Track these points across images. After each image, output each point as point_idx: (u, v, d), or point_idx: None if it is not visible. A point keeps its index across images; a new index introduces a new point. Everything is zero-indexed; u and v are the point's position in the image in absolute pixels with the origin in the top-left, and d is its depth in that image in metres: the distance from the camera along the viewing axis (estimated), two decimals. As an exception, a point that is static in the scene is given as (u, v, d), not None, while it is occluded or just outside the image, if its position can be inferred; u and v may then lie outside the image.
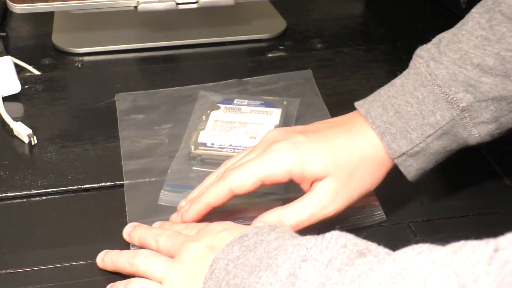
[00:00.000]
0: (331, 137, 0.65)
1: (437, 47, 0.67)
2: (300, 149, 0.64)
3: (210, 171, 0.71)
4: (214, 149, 0.76)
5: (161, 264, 0.60)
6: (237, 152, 0.75)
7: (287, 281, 0.50)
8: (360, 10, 1.13)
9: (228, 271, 0.54)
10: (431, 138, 0.65)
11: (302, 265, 0.50)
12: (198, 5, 0.95)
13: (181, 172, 0.74)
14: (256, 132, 0.78)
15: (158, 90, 0.88)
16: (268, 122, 0.80)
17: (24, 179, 0.74)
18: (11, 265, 0.64)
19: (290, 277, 0.50)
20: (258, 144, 0.67)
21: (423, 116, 0.65)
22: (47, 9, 0.93)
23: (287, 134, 0.66)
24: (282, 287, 0.49)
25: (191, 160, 0.76)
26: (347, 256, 0.49)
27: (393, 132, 0.65)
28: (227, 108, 0.82)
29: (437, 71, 0.65)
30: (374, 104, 0.66)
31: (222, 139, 0.77)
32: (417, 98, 0.65)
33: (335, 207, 0.63)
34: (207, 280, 0.55)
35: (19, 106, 0.86)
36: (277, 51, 1.00)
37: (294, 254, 0.51)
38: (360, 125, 0.66)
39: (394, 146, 0.65)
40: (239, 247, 0.55)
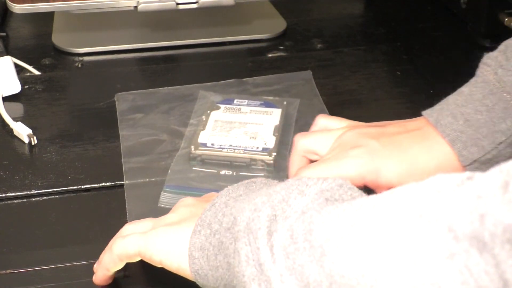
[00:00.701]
0: (406, 146, 0.66)
1: (503, 54, 0.67)
2: (375, 158, 0.65)
3: (210, 171, 0.71)
4: (214, 149, 0.76)
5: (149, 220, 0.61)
6: (237, 152, 0.75)
7: (279, 204, 0.51)
8: (360, 10, 1.13)
9: (227, 204, 0.56)
10: (503, 145, 0.64)
11: (298, 197, 0.51)
12: (198, 5, 0.95)
13: (181, 172, 0.74)
14: (256, 132, 0.78)
15: (157, 89, 0.88)
16: (268, 122, 0.80)
17: (24, 179, 0.74)
18: (11, 265, 0.64)
19: (282, 203, 0.51)
20: (334, 145, 0.67)
21: (493, 123, 0.64)
22: (47, 9, 0.93)
23: (363, 139, 0.66)
24: (272, 207, 0.50)
25: (191, 161, 0.75)
26: (339, 194, 0.51)
27: (463, 139, 0.65)
28: (227, 108, 0.82)
29: (506, 78, 0.65)
30: (443, 113, 0.66)
31: (222, 139, 0.77)
32: (487, 106, 0.65)
33: None
34: (205, 212, 0.56)
35: (19, 106, 0.86)
36: (277, 51, 1.00)
37: (293, 187, 0.52)
38: (432, 135, 0.66)
39: (465, 153, 0.65)
40: (243, 188, 0.57)
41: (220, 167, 0.75)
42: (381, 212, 0.44)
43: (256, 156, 0.75)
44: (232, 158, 0.75)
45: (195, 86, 0.88)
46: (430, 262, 0.40)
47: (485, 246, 0.38)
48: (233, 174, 0.74)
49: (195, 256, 0.55)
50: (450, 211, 0.40)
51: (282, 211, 0.50)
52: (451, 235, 0.39)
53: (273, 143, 0.76)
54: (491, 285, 0.38)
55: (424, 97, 0.88)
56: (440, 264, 0.40)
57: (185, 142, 0.78)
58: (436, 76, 0.92)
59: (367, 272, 0.43)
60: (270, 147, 0.76)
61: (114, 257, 0.59)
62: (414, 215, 0.42)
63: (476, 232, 0.38)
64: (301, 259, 0.47)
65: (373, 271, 0.43)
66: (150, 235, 0.58)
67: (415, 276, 0.41)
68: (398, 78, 0.92)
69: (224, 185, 0.68)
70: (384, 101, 0.88)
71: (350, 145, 0.66)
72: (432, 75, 0.93)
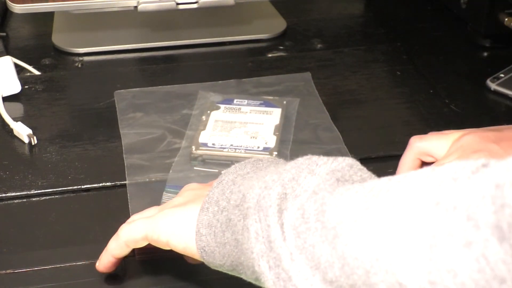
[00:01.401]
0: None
1: None
2: None
3: (212, 171, 0.71)
4: (215, 149, 0.76)
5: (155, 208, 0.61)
6: (238, 152, 0.75)
7: (289, 183, 0.51)
8: (360, 10, 1.12)
9: (235, 182, 0.56)
10: None
11: (308, 176, 0.51)
12: (198, 5, 0.95)
13: (182, 172, 0.74)
14: (256, 132, 0.78)
15: (156, 87, 0.88)
16: (268, 122, 0.80)
17: (24, 179, 0.74)
18: (11, 265, 0.64)
19: (292, 182, 0.51)
20: (452, 149, 0.66)
21: None
22: (47, 9, 0.93)
23: (484, 143, 0.65)
24: (283, 186, 0.50)
25: (192, 161, 0.76)
26: (349, 174, 0.51)
27: None
28: (227, 108, 0.82)
29: None
30: None
31: (223, 139, 0.77)
32: None
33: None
34: (213, 189, 0.56)
35: (19, 106, 0.86)
36: (277, 51, 1.00)
37: (303, 166, 0.52)
38: None
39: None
40: (251, 166, 0.57)
41: (221, 166, 0.74)
42: (396, 197, 0.44)
43: (257, 155, 0.75)
44: (233, 157, 0.75)
45: (194, 86, 0.88)
46: (447, 249, 0.40)
47: (504, 236, 0.38)
48: None
49: (202, 233, 0.55)
50: (469, 200, 0.40)
51: (292, 190, 0.50)
52: (470, 224, 0.39)
53: (274, 143, 0.77)
54: (508, 275, 0.38)
55: (424, 97, 0.88)
56: (456, 252, 0.40)
57: (186, 141, 0.78)
58: (436, 76, 0.92)
59: (381, 257, 0.43)
60: (271, 147, 0.76)
61: (121, 243, 0.59)
62: (431, 202, 0.42)
63: (498, 222, 0.38)
64: (313, 239, 0.47)
65: (388, 256, 0.43)
66: (157, 217, 0.58)
67: (431, 263, 0.41)
68: (398, 78, 0.92)
69: None
70: (384, 101, 0.88)
71: (471, 149, 0.65)
72: (432, 75, 0.93)
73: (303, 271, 0.47)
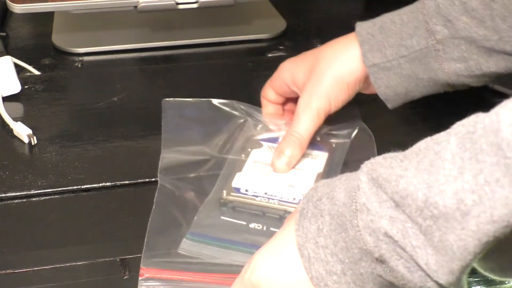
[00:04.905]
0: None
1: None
2: None
3: (240, 223, 0.67)
4: (247, 197, 0.69)
5: None
6: (271, 203, 0.69)
7: None
8: (360, 10, 1.12)
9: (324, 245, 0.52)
10: (403, 60, 0.71)
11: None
12: (198, 5, 0.95)
13: (209, 219, 0.68)
14: (295, 179, 0.71)
15: (205, 100, 0.82)
16: (311, 169, 0.73)
17: (24, 179, 0.74)
18: (11, 265, 0.64)
19: None
20: None
21: (401, 37, 0.71)
22: (47, 9, 0.93)
23: None
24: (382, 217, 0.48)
25: (221, 207, 0.69)
26: None
27: (371, 43, 0.72)
28: (270, 147, 0.75)
29: (427, 1, 0.70)
30: (370, 21, 0.74)
31: (257, 185, 0.70)
32: (402, 20, 0.72)
33: None
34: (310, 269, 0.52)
35: (19, 106, 0.86)
36: (277, 51, 1.00)
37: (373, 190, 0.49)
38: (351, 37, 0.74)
39: (369, 56, 0.72)
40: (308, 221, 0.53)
41: (251, 217, 0.68)
42: None
43: (291, 209, 0.68)
44: (265, 208, 0.69)
45: (245, 107, 0.81)
46: None
47: None
48: (263, 228, 0.67)
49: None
50: None
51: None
52: None
53: None
54: None
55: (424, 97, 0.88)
56: None
57: (220, 182, 0.72)
58: (436, 76, 0.92)
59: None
60: None
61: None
62: None
63: None
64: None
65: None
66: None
67: None
68: (398, 78, 0.92)
69: (252, 238, 0.65)
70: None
71: None
72: (432, 75, 0.92)
73: None
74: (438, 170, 0.46)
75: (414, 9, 0.71)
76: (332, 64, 0.74)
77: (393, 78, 0.72)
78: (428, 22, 0.70)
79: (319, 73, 0.74)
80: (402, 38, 0.71)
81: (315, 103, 0.73)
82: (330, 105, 0.74)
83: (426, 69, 0.71)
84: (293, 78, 0.76)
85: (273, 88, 0.79)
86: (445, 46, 0.69)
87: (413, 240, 0.47)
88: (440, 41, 0.69)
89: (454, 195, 0.45)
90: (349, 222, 0.50)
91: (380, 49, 0.71)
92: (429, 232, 0.46)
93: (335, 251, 0.51)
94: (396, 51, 0.71)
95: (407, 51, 0.71)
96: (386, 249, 0.48)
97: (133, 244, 0.66)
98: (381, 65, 0.72)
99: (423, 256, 0.47)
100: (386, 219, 0.48)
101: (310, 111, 0.73)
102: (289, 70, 0.77)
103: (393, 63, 0.71)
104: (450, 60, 0.70)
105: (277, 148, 0.74)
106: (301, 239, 0.52)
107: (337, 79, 0.73)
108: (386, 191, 0.48)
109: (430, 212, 0.46)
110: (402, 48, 0.71)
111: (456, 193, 0.45)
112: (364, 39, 0.72)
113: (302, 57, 0.77)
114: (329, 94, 0.73)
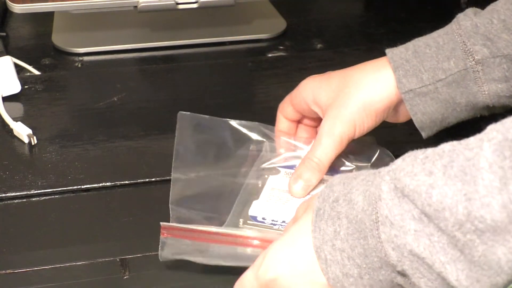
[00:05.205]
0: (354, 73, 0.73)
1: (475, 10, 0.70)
2: None
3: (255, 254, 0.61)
4: (264, 225, 0.66)
5: None
6: None
7: None
8: (360, 10, 1.13)
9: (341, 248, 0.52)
10: (440, 84, 0.67)
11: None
12: (198, 5, 0.95)
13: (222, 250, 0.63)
14: None
15: (223, 119, 0.77)
16: None
17: (24, 179, 0.74)
18: (11, 265, 0.64)
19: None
20: None
21: (438, 60, 0.67)
22: (47, 9, 0.93)
23: None
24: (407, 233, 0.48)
25: None
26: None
27: (406, 68, 0.68)
28: (287, 173, 0.72)
29: (462, 22, 0.68)
30: (401, 46, 0.70)
31: (275, 212, 0.67)
32: (437, 42, 0.68)
33: None
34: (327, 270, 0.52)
35: (19, 106, 0.86)
36: (277, 51, 1.00)
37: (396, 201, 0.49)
38: (382, 62, 0.70)
39: (404, 81, 0.68)
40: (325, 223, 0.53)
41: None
42: None
43: None
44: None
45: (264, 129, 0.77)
46: None
47: None
48: None
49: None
50: None
51: None
52: None
53: None
54: None
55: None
56: None
57: (235, 210, 0.68)
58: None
59: None
60: None
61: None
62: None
63: None
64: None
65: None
66: None
67: None
68: (398, 78, 0.92)
69: None
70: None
71: None
72: (432, 75, 0.92)
73: None
74: (476, 180, 0.44)
75: (449, 30, 0.68)
76: (361, 88, 0.69)
77: (430, 104, 0.68)
78: (466, 42, 0.66)
79: (346, 96, 0.69)
80: (438, 61, 0.67)
81: (339, 128, 0.68)
82: (355, 131, 0.69)
83: (464, 92, 0.67)
84: (315, 98, 0.71)
85: (292, 104, 0.74)
86: (485, 66, 0.66)
87: (442, 256, 0.46)
88: (479, 62, 0.66)
89: (503, 208, 0.43)
90: (369, 231, 0.50)
91: (416, 73, 0.67)
92: (468, 247, 0.45)
93: (352, 255, 0.51)
94: (432, 75, 0.67)
95: (444, 74, 0.67)
96: (409, 265, 0.48)
97: (133, 244, 0.66)
98: (417, 91, 0.67)
99: (453, 272, 0.46)
100: (411, 235, 0.47)
101: (333, 136, 0.68)
102: (311, 88, 0.72)
103: (429, 88, 0.67)
104: (490, 81, 0.66)
105: (295, 172, 0.69)
106: (317, 241, 0.52)
107: (365, 105, 0.68)
108: (416, 203, 0.47)
109: (473, 226, 0.44)
110: (439, 71, 0.67)
111: (504, 206, 0.43)
112: (398, 64, 0.68)
113: (327, 77, 0.72)
114: (355, 120, 0.68)
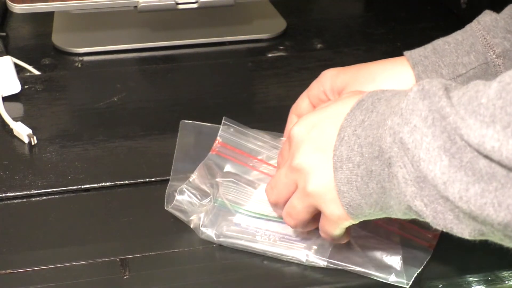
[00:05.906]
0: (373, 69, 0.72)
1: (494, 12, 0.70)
2: None
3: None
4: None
5: None
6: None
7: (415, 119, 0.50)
8: (360, 10, 1.13)
9: (358, 134, 0.55)
10: (461, 79, 0.67)
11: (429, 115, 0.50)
12: (198, 5, 0.95)
13: None
14: None
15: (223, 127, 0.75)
16: None
17: (24, 179, 0.74)
18: (11, 265, 0.64)
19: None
20: None
21: (457, 55, 0.67)
22: (47, 9, 0.93)
23: None
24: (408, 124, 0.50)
25: None
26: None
27: (425, 64, 0.68)
28: None
29: (481, 18, 0.69)
30: (422, 46, 0.70)
31: None
32: (456, 39, 0.68)
33: None
34: (337, 147, 0.56)
35: (19, 106, 0.86)
36: (277, 51, 1.00)
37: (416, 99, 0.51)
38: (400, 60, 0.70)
39: (424, 77, 0.67)
40: (360, 112, 0.57)
41: None
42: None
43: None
44: None
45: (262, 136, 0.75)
46: None
47: None
48: None
49: (344, 191, 0.56)
50: None
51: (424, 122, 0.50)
52: None
53: None
54: None
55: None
56: None
57: None
58: (436, 76, 0.92)
59: None
60: None
61: None
62: None
63: None
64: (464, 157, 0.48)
65: None
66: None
67: None
68: (398, 78, 0.92)
69: None
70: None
71: None
72: (432, 75, 0.93)
73: None
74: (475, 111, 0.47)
75: (468, 28, 0.69)
76: (377, 76, 0.69)
77: None
78: (486, 36, 0.67)
79: (361, 81, 0.69)
80: (458, 56, 0.67)
81: None
82: None
83: None
84: (332, 86, 0.71)
85: (309, 96, 0.72)
86: (506, 59, 0.66)
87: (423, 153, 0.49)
88: (500, 55, 0.66)
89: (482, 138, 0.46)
90: (383, 121, 0.53)
91: (436, 69, 0.67)
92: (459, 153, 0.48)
93: (362, 143, 0.54)
94: (452, 70, 0.67)
95: (464, 69, 0.67)
96: (396, 153, 0.51)
97: (133, 244, 0.66)
98: None
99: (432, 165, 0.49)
100: (409, 127, 0.50)
101: None
102: (330, 77, 0.72)
103: None
104: None
105: None
106: (346, 122, 0.57)
107: None
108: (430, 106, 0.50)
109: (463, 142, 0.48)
110: (459, 66, 0.67)
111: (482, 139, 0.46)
112: (416, 61, 0.68)
113: (345, 68, 0.73)
114: None
